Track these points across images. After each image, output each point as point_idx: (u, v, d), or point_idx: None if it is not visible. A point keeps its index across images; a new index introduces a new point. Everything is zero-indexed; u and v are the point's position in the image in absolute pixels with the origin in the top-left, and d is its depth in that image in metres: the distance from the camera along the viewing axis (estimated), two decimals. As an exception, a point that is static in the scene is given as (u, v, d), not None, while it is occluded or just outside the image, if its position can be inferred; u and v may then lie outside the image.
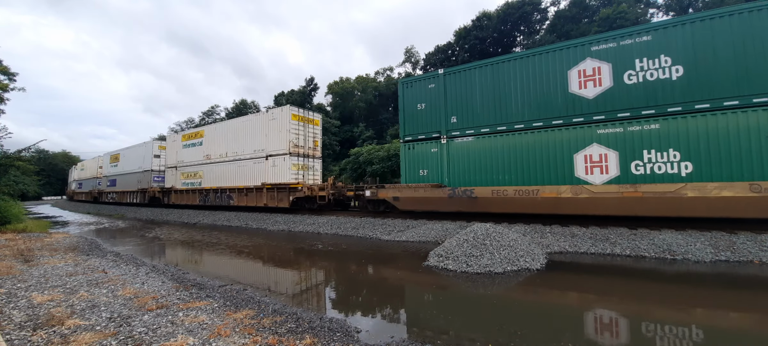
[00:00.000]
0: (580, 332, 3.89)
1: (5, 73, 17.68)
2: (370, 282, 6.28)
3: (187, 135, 21.61)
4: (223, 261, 8.28)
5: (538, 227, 9.22)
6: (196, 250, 9.73)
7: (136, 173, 26.33)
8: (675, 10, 31.78)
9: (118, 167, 29.43)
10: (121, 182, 28.76)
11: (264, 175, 16.38)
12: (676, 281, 5.72)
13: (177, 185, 21.68)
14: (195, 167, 20.54)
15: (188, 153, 21.23)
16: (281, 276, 7.01)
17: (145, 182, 25.09)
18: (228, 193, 18.05)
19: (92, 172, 35.64)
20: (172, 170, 22.33)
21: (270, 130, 16.55)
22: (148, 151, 25.73)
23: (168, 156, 22.92)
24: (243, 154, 17.66)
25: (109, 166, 31.19)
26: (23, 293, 4.79)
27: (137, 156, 26.71)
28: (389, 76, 48.15)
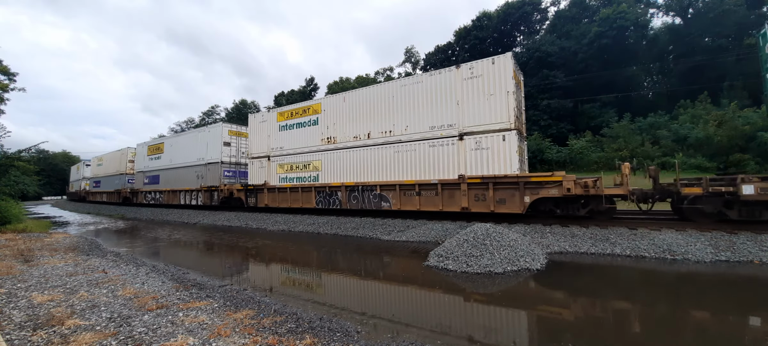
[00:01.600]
0: (581, 332, 3.88)
1: (5, 73, 17.68)
2: (370, 282, 6.28)
3: (289, 112, 15.38)
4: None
5: (538, 227, 9.22)
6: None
7: (194, 166, 20.16)
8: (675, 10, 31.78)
9: (163, 160, 23.15)
10: (168, 178, 22.59)
11: (457, 163, 10.42)
12: (676, 281, 5.72)
13: (272, 181, 15.63)
14: (305, 156, 14.43)
15: (291, 137, 15.13)
16: (281, 276, 7.01)
17: (210, 177, 19.13)
18: (377, 192, 12.05)
19: (116, 166, 30.21)
20: (260, 162, 16.27)
21: (470, 93, 10.30)
22: (214, 138, 19.35)
23: (251, 143, 16.87)
24: (410, 134, 11.41)
25: (146, 159, 24.93)
26: (23, 293, 4.79)
27: (195, 145, 20.66)
28: (389, 76, 48.15)
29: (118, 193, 28.53)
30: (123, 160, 29.16)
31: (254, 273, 7.30)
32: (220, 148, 18.91)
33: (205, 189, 19.16)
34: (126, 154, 28.99)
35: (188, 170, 20.82)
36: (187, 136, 22.44)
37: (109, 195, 30.80)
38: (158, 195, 23.40)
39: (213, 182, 18.87)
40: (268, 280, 6.75)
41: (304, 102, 15.48)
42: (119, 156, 30.19)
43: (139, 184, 25.61)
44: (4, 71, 17.63)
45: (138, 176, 26.14)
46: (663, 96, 30.80)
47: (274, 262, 8.29)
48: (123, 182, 28.46)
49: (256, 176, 16.37)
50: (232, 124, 20.10)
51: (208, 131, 20.03)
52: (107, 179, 32.08)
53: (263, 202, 15.88)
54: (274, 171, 15.71)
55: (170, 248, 10.39)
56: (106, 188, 31.96)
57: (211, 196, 18.84)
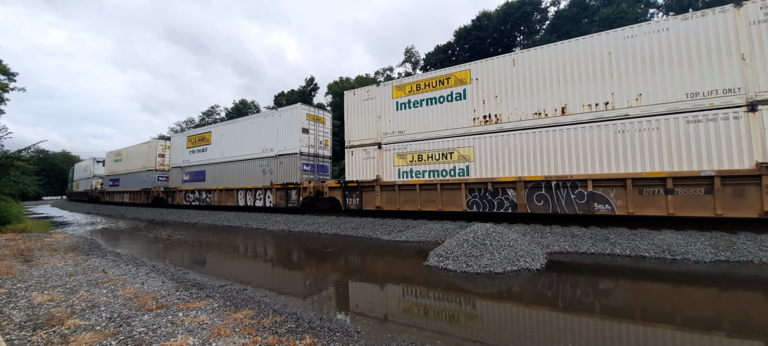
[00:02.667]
0: (581, 333, 3.89)
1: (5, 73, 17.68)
2: (370, 282, 6.28)
3: (413, 85, 11.78)
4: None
5: (538, 227, 9.22)
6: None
7: (259, 159, 16.70)
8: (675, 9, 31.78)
9: (211, 152, 19.62)
10: (218, 174, 18.83)
11: (745, 145, 7.29)
12: (676, 281, 5.72)
13: (387, 176, 12.11)
14: (443, 143, 11.03)
15: (417, 117, 11.63)
16: (281, 275, 7.01)
17: (284, 172, 15.35)
18: (585, 189, 8.75)
19: (141, 161, 26.22)
20: (364, 151, 12.68)
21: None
22: (289, 123, 15.46)
23: (350, 127, 13.12)
24: (645, 107, 8.22)
25: (185, 153, 21.31)
26: (23, 293, 4.79)
27: (258, 133, 17.06)
28: (389, 76, 48.14)
29: (146, 192, 24.52)
30: (151, 155, 25.16)
31: (253, 271, 7.30)
32: (298, 136, 14.94)
33: (277, 187, 15.46)
34: (154, 147, 25.07)
35: (249, 165, 17.26)
36: (246, 123, 18.17)
37: (134, 195, 26.71)
38: (205, 195, 19.49)
39: (288, 177, 15.13)
40: (267, 280, 6.75)
41: (440, 70, 11.57)
42: (145, 150, 26.06)
43: (176, 181, 21.66)
44: (4, 71, 17.64)
45: (174, 173, 22.06)
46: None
47: (274, 262, 8.29)
48: (152, 180, 24.49)
49: (359, 170, 12.66)
50: (310, 107, 16.45)
51: (280, 115, 16.10)
52: (129, 177, 27.75)
53: (374, 203, 12.08)
54: (388, 163, 11.99)
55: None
56: (128, 187, 27.77)
57: (286, 195, 15.10)
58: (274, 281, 6.66)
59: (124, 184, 28.73)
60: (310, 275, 7.00)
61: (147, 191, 24.60)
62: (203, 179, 20.03)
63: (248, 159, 17.40)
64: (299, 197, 14.70)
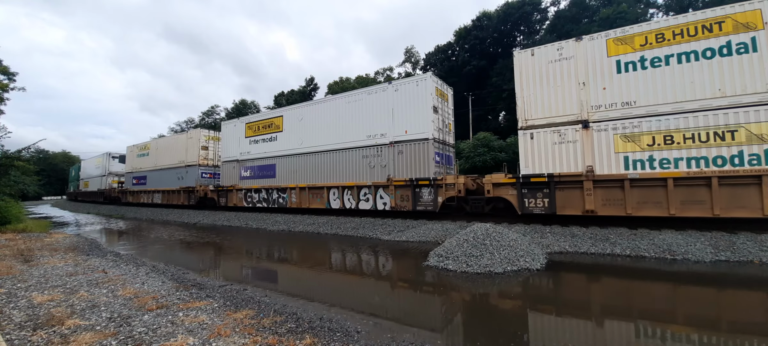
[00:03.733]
0: (581, 333, 3.89)
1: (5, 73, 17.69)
2: (370, 282, 6.28)
3: (648, 34, 8.52)
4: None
5: (538, 227, 9.22)
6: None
7: (364, 147, 12.96)
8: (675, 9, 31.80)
9: (281, 142, 15.93)
10: (293, 168, 15.33)
11: None
12: (677, 281, 5.72)
13: (603, 167, 8.72)
14: (723, 116, 7.64)
15: (659, 82, 8.32)
16: (281, 276, 7.01)
17: (407, 164, 11.91)
18: None
19: (178, 155, 22.36)
20: (555, 133, 9.38)
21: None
22: (408, 100, 12.01)
23: (529, 102, 9.83)
24: None
25: (244, 143, 17.76)
26: (23, 293, 4.79)
27: (359, 115, 13.22)
28: (389, 76, 48.15)
29: (187, 192, 20.74)
30: (190, 147, 21.41)
31: (252, 271, 7.29)
32: (430, 117, 11.41)
33: (399, 184, 11.77)
34: (195, 138, 21.29)
35: (347, 156, 13.46)
36: (341, 103, 13.93)
37: (168, 195, 22.84)
38: (276, 194, 15.93)
39: (414, 171, 11.56)
40: (266, 279, 6.75)
41: (701, 13, 8.11)
42: (183, 142, 22.36)
43: (230, 178, 18.32)
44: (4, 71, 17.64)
45: (227, 169, 18.61)
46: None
47: (272, 261, 8.28)
48: (194, 177, 20.59)
49: (547, 159, 9.40)
50: (438, 78, 12.44)
51: (396, 89, 12.20)
52: (161, 174, 23.85)
53: (579, 206, 8.85)
54: (605, 147, 8.70)
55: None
56: (158, 185, 23.87)
57: (414, 195, 11.42)
58: (275, 281, 6.66)
59: (154, 182, 24.63)
60: (309, 275, 7.00)
61: (188, 191, 20.72)
62: (271, 175, 16.19)
63: (345, 148, 13.52)
64: (436, 197, 11.07)
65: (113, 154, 33.33)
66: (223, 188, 18.61)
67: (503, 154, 22.82)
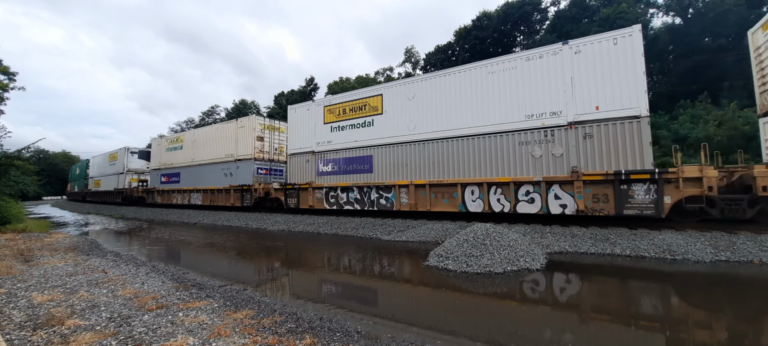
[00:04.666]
0: (581, 333, 3.89)
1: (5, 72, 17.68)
2: (370, 282, 6.28)
3: None
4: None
5: (538, 227, 9.22)
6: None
7: (527, 130, 9.84)
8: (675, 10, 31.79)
9: (380, 127, 12.87)
10: (404, 159, 12.14)
11: None
12: (676, 281, 5.72)
13: None
14: None
15: None
16: (281, 275, 7.01)
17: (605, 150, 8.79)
18: None
19: (223, 147, 19.03)
20: None
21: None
22: (605, 59, 8.92)
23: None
24: None
25: (323, 130, 14.43)
26: (23, 293, 4.79)
27: (515, 88, 10.17)
28: (389, 76, 48.15)
29: (241, 191, 17.35)
30: (243, 138, 18.03)
31: (250, 271, 7.29)
32: (639, 84, 8.63)
33: (594, 179, 8.71)
34: (249, 127, 17.84)
35: (495, 142, 10.30)
36: (483, 72, 10.74)
37: (212, 195, 19.10)
38: (375, 193, 12.42)
39: (623, 162, 8.59)
40: (265, 278, 6.75)
41: None
42: (232, 131, 18.68)
43: (304, 173, 14.86)
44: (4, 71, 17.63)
45: (297, 162, 15.18)
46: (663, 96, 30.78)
47: (272, 261, 8.28)
48: (248, 173, 17.26)
49: None
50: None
51: (578, 51, 9.27)
52: (200, 171, 20.19)
53: None
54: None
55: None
56: (198, 183, 20.17)
57: (619, 194, 8.43)
58: (275, 281, 6.66)
59: (190, 180, 20.88)
60: (310, 275, 6.99)
61: (242, 190, 17.31)
62: (365, 169, 12.95)
63: (491, 133, 10.40)
64: (661, 196, 8.07)
65: (132, 149, 29.36)
66: (293, 187, 15.02)
67: None
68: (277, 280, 6.68)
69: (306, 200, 14.58)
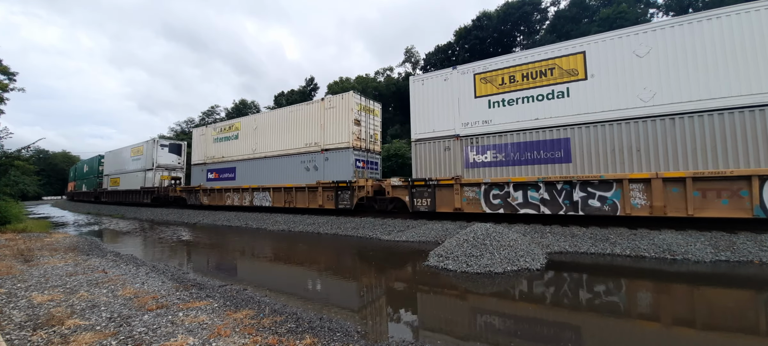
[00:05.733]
0: (581, 333, 3.89)
1: (5, 72, 17.67)
2: (370, 282, 6.28)
3: None
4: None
5: (538, 227, 9.22)
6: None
7: None
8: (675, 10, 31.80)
9: (584, 99, 9.31)
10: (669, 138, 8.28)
11: None
12: (676, 280, 5.72)
13: None
14: None
15: None
16: (281, 275, 7.01)
17: None
18: None
19: (303, 136, 15.37)
20: None
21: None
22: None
23: None
24: None
25: (477, 106, 10.93)
26: (23, 293, 4.79)
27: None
28: (389, 76, 48.15)
29: (335, 190, 13.53)
30: (333, 122, 14.24)
31: (249, 271, 7.29)
32: None
33: None
34: (342, 108, 14.04)
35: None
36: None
37: (287, 194, 15.28)
38: (580, 192, 9.01)
39: None
40: (264, 278, 6.75)
41: None
42: (316, 113, 14.96)
43: (443, 166, 11.35)
44: (4, 71, 17.62)
45: (427, 151, 11.68)
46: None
47: (271, 261, 8.28)
48: (345, 166, 13.61)
49: None
50: None
51: None
52: (268, 164, 16.48)
53: None
54: None
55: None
56: (264, 180, 16.46)
57: None
58: (273, 281, 6.66)
59: (253, 175, 17.08)
60: (309, 275, 6.99)
61: (337, 187, 13.47)
62: (561, 157, 9.59)
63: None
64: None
65: (162, 141, 25.10)
66: (426, 183, 11.28)
67: None
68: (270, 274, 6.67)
69: (448, 200, 10.95)
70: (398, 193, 12.31)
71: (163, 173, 24.46)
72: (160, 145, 24.96)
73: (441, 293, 5.35)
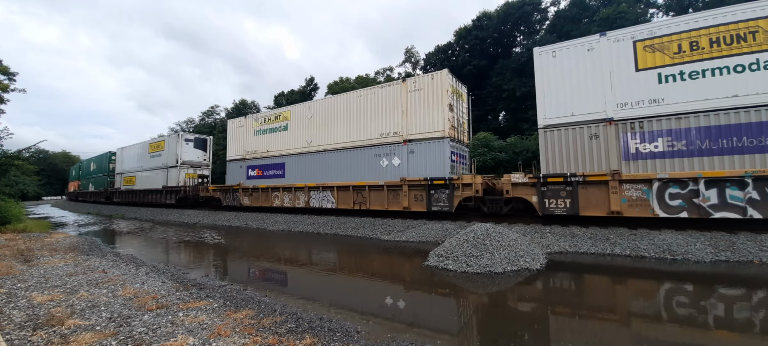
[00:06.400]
0: (581, 332, 3.88)
1: (5, 73, 17.67)
2: (370, 282, 6.28)
3: None
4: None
5: (538, 227, 9.22)
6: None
7: None
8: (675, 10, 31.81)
9: None
10: None
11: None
12: (677, 281, 5.72)
13: None
14: None
15: None
16: (281, 275, 7.01)
17: None
18: None
19: (384, 122, 12.80)
20: None
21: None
22: None
23: None
24: None
25: (641, 81, 8.57)
26: (23, 293, 4.79)
27: None
28: (389, 76, 48.16)
29: (426, 188, 11.28)
30: (418, 107, 11.94)
31: (248, 271, 7.29)
32: None
33: None
34: (432, 91, 11.73)
35: None
36: None
37: (357, 193, 12.97)
38: None
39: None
40: (263, 278, 6.75)
41: None
42: (392, 96, 12.61)
43: (599, 157, 8.98)
44: (4, 71, 17.62)
45: (571, 139, 9.42)
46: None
47: (269, 261, 8.28)
48: (437, 160, 11.40)
49: None
50: None
51: None
52: (328, 159, 14.08)
53: None
54: None
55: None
56: (324, 177, 14.06)
57: None
58: (274, 281, 6.66)
59: (307, 172, 14.70)
60: (309, 275, 6.99)
61: (431, 186, 11.20)
62: None
63: None
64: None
65: (187, 135, 23.00)
66: (569, 180, 9.10)
67: (503, 154, 22.85)
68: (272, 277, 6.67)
69: (598, 201, 8.82)
70: (521, 192, 9.89)
71: (188, 171, 22.03)
72: (185, 140, 22.48)
73: (441, 293, 5.34)
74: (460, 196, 10.76)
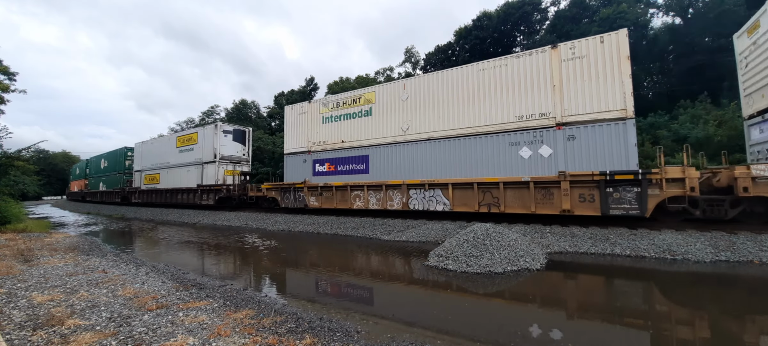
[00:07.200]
0: (581, 333, 3.88)
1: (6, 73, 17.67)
2: (370, 282, 6.28)
3: None
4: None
5: (538, 227, 9.21)
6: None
7: None
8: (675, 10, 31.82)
9: None
10: None
11: None
12: (676, 280, 5.72)
13: None
14: None
15: None
16: (281, 275, 7.01)
17: None
18: None
19: (522, 103, 9.94)
20: None
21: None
22: None
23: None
24: None
25: None
26: (23, 293, 4.79)
27: None
28: (389, 76, 48.16)
29: (603, 185, 8.43)
30: (583, 83, 9.13)
31: (247, 271, 7.29)
32: None
33: None
34: (604, 58, 8.86)
35: None
36: None
37: (484, 192, 10.10)
38: None
39: None
40: (264, 277, 6.75)
41: None
42: (520, 69, 10.10)
43: None
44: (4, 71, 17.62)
45: None
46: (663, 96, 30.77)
47: (269, 261, 8.28)
48: (610, 149, 8.66)
49: None
50: None
51: None
52: (428, 151, 11.61)
53: None
54: None
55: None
56: (424, 172, 11.58)
57: None
58: (274, 281, 6.66)
59: (402, 166, 12.19)
60: (309, 275, 7.00)
61: (608, 183, 8.48)
62: None
63: None
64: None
65: (225, 126, 19.99)
66: None
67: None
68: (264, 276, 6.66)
69: None
70: (764, 190, 7.34)
71: (227, 167, 19.18)
72: (223, 132, 19.41)
73: (441, 293, 5.34)
74: (662, 195, 8.05)
